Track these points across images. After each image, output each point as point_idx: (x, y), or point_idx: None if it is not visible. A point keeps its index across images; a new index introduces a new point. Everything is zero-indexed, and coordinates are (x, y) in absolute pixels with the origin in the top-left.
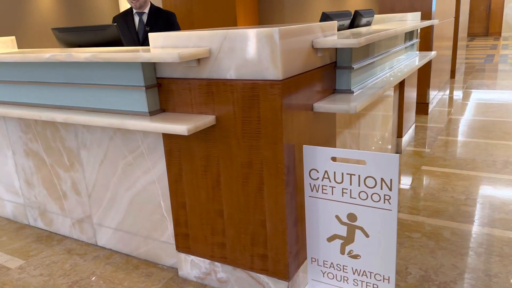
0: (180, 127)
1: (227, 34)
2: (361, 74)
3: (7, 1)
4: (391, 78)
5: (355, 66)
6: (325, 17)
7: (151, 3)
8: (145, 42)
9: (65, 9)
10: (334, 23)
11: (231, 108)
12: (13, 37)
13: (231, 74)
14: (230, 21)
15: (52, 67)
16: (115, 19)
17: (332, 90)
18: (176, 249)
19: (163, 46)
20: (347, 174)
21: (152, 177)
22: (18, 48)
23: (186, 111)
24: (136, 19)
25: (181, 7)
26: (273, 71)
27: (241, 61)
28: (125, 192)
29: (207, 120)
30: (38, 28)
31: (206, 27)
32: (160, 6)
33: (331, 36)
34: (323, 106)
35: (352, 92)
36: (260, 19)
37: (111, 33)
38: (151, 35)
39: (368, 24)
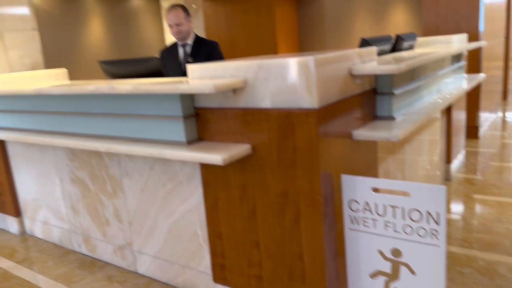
0: (215, 157)
1: (262, 64)
2: (404, 99)
3: (61, 35)
4: (437, 103)
5: (396, 92)
6: (364, 43)
7: (196, 34)
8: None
9: (115, 42)
10: (373, 49)
11: (266, 137)
12: (65, 70)
13: (266, 103)
14: (271, 49)
15: (96, 99)
16: (161, 52)
17: (372, 116)
18: (213, 280)
19: (201, 77)
20: (390, 206)
21: (190, 205)
22: (70, 79)
23: (222, 140)
24: (181, 50)
25: (223, 36)
26: (309, 100)
27: (276, 90)
28: (164, 220)
29: (242, 149)
30: (88, 60)
31: (247, 55)
32: (203, 36)
33: (370, 63)
34: (362, 133)
35: (394, 119)
36: (301, 46)
37: (153, 64)
38: (189, 67)
39: (411, 48)
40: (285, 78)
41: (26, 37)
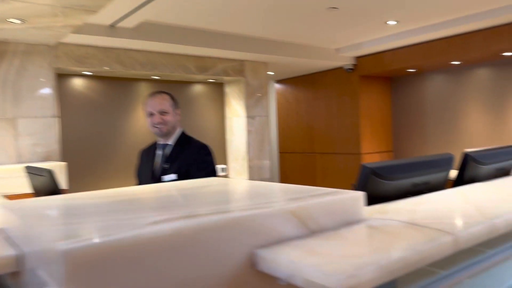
0: None
1: None
2: None
3: (100, 121)
4: None
5: None
6: (467, 160)
7: (183, 132)
8: (159, 181)
9: None
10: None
11: None
12: (63, 163)
13: None
14: (353, 141)
15: None
16: (140, 153)
17: None
18: None
19: None
20: None
21: None
22: (88, 172)
23: None
24: (159, 153)
25: (302, 124)
26: None
27: None
28: None
29: None
30: (130, 150)
31: (326, 146)
32: (272, 125)
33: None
34: None
35: None
36: (395, 138)
37: (46, 179)
38: None
39: None
40: None
41: (43, 124)
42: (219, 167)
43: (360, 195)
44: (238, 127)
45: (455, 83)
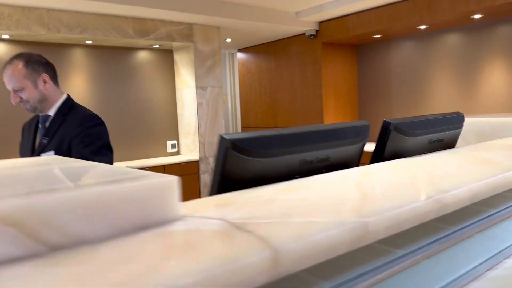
0: None
1: None
2: None
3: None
4: None
5: None
6: (388, 130)
7: (68, 101)
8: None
9: (106, 104)
10: None
11: None
12: None
13: None
14: (317, 114)
15: None
16: (24, 125)
17: None
18: None
19: None
20: None
21: None
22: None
23: None
24: (40, 126)
25: (264, 96)
26: None
27: None
28: None
29: None
30: None
31: (289, 118)
32: (236, 99)
33: None
34: None
35: None
36: (361, 108)
37: None
38: None
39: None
40: None
41: None
42: (169, 143)
43: (170, 183)
44: (188, 99)
45: (423, 50)
